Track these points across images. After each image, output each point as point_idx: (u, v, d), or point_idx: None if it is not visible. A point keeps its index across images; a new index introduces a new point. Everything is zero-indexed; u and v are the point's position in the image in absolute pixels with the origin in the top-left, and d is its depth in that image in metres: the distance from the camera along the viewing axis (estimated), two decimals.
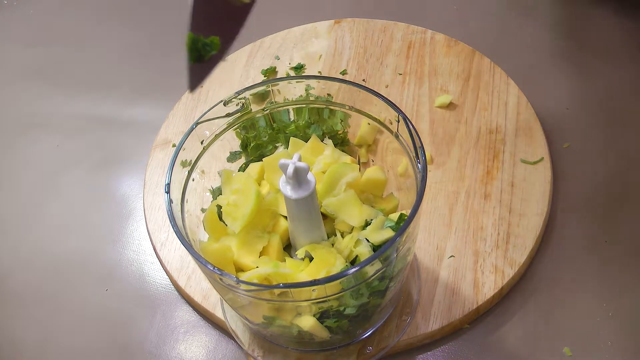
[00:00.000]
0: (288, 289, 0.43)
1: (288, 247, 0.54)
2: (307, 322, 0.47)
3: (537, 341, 0.58)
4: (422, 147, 0.46)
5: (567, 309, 0.59)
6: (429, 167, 0.68)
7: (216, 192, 0.56)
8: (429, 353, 0.58)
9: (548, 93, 0.76)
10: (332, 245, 0.52)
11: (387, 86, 0.77)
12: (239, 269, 0.51)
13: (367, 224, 0.51)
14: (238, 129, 0.56)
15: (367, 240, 0.50)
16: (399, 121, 0.49)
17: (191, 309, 0.64)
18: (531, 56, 0.81)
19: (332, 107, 0.57)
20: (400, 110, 0.48)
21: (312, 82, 0.56)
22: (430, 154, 0.69)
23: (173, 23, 0.95)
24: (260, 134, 0.59)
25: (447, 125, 0.72)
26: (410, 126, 0.47)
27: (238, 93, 0.52)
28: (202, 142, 0.52)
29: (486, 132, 0.70)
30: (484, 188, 0.66)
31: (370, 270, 0.44)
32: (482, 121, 0.71)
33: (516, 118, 0.71)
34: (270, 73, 0.81)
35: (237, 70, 0.82)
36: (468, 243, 0.62)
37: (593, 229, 0.64)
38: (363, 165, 0.61)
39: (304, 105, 0.58)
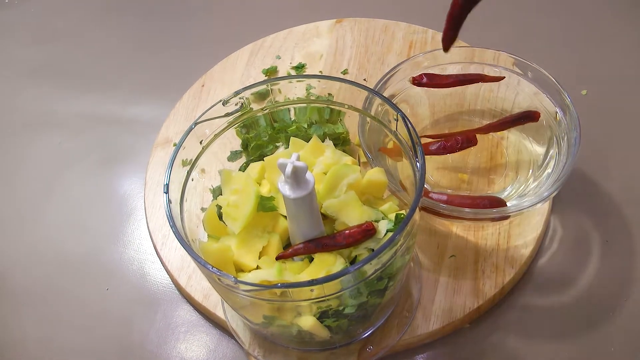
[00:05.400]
0: (287, 289, 0.43)
1: (288, 247, 0.54)
2: (307, 321, 0.47)
3: (538, 341, 0.58)
4: (420, 144, 0.46)
5: (568, 308, 0.59)
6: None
7: (216, 191, 0.56)
8: (429, 352, 0.58)
9: None
10: None
11: None
12: (239, 269, 0.51)
13: None
14: (238, 129, 0.56)
15: None
16: (397, 120, 0.49)
17: (192, 308, 0.64)
18: (533, 53, 0.80)
19: (332, 107, 0.57)
20: (399, 109, 0.48)
21: (313, 82, 0.56)
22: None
23: (174, 22, 0.95)
24: (260, 133, 0.59)
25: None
26: (409, 124, 0.47)
27: (237, 93, 0.53)
28: (201, 142, 0.52)
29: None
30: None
31: (369, 269, 0.43)
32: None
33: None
34: (271, 72, 0.81)
35: (239, 69, 0.82)
36: (469, 242, 0.62)
37: (594, 228, 0.64)
38: (363, 165, 0.61)
39: (305, 105, 0.58)
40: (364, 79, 0.78)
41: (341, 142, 0.64)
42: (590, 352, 0.56)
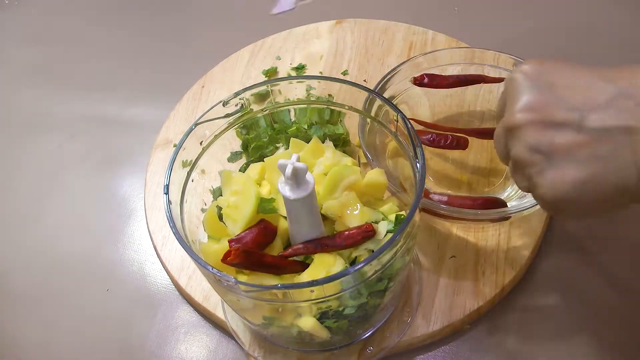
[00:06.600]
0: (287, 290, 0.43)
1: (288, 248, 0.54)
2: (307, 322, 0.47)
3: (538, 341, 0.57)
4: (420, 146, 0.46)
5: (568, 309, 0.59)
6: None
7: (217, 192, 0.56)
8: (429, 353, 0.58)
9: None
10: None
11: None
12: (239, 270, 0.51)
13: None
14: (238, 129, 0.56)
15: None
16: (397, 121, 0.49)
17: (192, 309, 0.64)
18: (533, 54, 0.80)
19: (332, 108, 0.57)
20: (399, 110, 0.48)
21: (313, 83, 0.56)
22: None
23: (174, 23, 0.95)
24: (260, 134, 0.59)
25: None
26: (409, 125, 0.47)
27: (237, 93, 0.53)
28: (201, 143, 0.52)
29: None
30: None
31: (369, 270, 0.43)
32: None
33: None
34: (271, 73, 0.81)
35: (239, 70, 0.82)
36: (469, 243, 0.62)
37: (594, 228, 0.64)
38: (363, 165, 0.61)
39: (305, 106, 0.58)
40: (364, 80, 0.78)
41: (341, 143, 0.64)
42: (590, 351, 0.56)
